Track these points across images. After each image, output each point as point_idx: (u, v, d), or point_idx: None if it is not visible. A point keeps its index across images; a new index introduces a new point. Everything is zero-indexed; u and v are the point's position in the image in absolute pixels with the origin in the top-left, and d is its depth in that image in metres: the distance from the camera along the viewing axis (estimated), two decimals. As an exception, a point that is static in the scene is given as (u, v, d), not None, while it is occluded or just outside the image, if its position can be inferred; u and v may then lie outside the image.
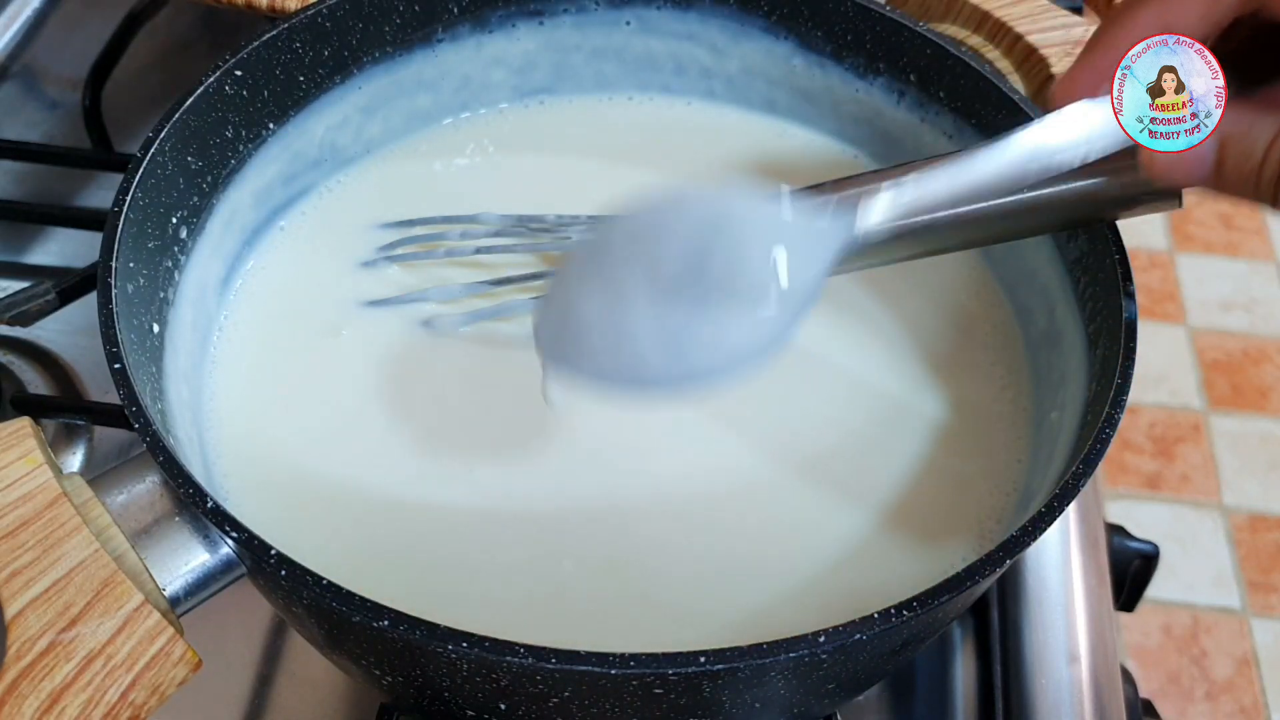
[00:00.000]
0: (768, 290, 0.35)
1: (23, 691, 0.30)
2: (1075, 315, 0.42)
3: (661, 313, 0.35)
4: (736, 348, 0.36)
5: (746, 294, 0.35)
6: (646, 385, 0.36)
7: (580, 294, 0.36)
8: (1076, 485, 0.33)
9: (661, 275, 0.35)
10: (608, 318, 0.36)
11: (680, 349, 0.35)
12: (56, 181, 0.61)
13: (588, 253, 0.37)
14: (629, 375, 0.36)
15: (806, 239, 0.36)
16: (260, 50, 0.44)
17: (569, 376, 0.37)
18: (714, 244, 0.35)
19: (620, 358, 0.36)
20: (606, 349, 0.36)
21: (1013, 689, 0.43)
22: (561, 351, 0.37)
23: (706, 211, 0.36)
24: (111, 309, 0.36)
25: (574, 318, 0.36)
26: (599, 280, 0.36)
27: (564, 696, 0.32)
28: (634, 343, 0.36)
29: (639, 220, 0.36)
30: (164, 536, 0.34)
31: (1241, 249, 1.56)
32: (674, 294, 0.35)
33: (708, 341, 0.35)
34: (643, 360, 0.36)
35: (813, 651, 0.30)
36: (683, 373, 0.36)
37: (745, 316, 0.35)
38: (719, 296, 0.35)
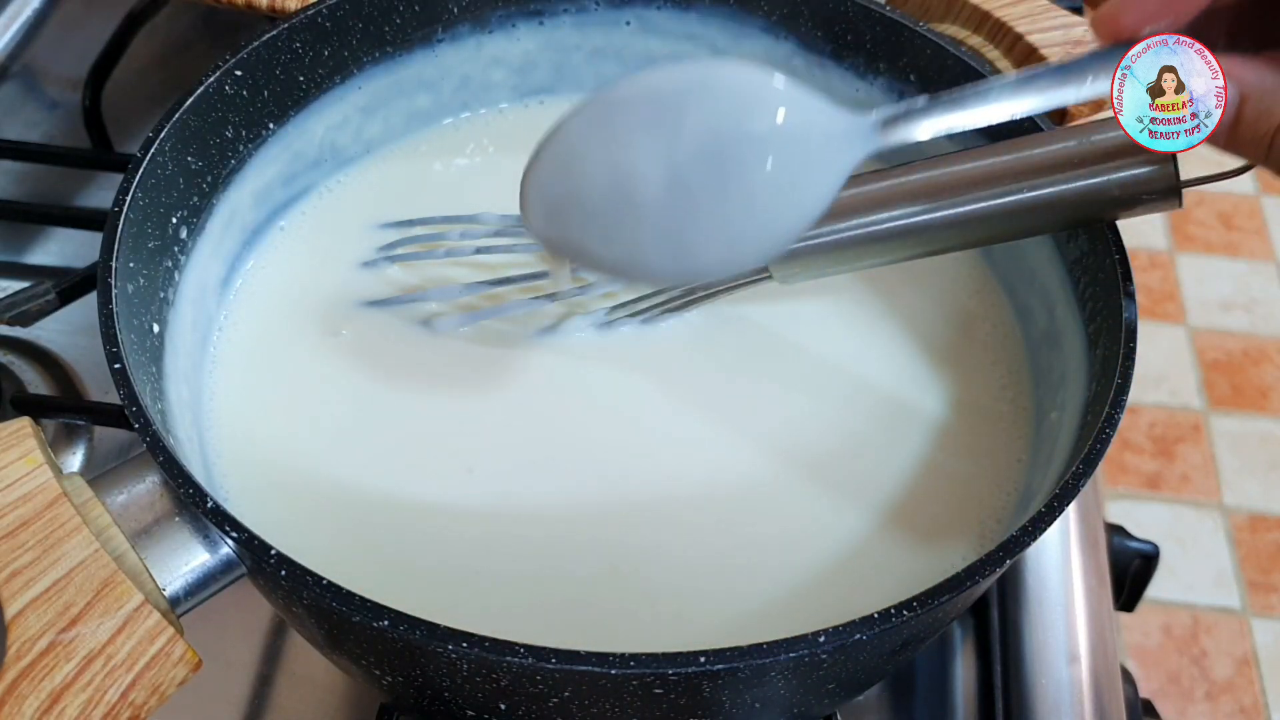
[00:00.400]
0: (785, 182, 0.34)
1: (23, 691, 0.30)
2: (1075, 315, 0.42)
3: (669, 189, 0.34)
4: (740, 237, 0.34)
5: (759, 182, 0.34)
6: (640, 262, 0.35)
7: (583, 153, 0.35)
8: (1076, 485, 0.33)
9: (674, 147, 0.34)
10: (611, 184, 0.34)
11: (684, 230, 0.34)
12: (57, 181, 0.61)
13: (596, 109, 0.35)
14: (624, 248, 0.35)
15: (827, 137, 0.34)
16: (260, 50, 0.44)
17: (555, 238, 0.36)
18: (733, 124, 0.34)
19: (619, 230, 0.34)
20: (604, 218, 0.34)
21: (1013, 689, 0.43)
22: (552, 211, 0.36)
23: (731, 88, 0.34)
24: (111, 309, 0.36)
25: (572, 178, 0.35)
26: (605, 142, 0.34)
27: (564, 696, 0.32)
28: (636, 215, 0.34)
29: (658, 84, 0.35)
30: (164, 536, 0.34)
31: (1241, 249, 1.56)
32: (685, 170, 0.34)
33: (713, 226, 0.34)
34: (643, 235, 0.34)
35: (813, 651, 0.30)
36: (682, 255, 0.34)
37: (755, 206, 0.34)
38: (731, 180, 0.33)
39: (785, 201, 0.34)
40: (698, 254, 0.35)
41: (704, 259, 0.35)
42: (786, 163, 0.34)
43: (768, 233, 0.35)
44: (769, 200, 0.34)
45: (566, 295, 0.46)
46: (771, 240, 0.35)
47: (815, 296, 0.47)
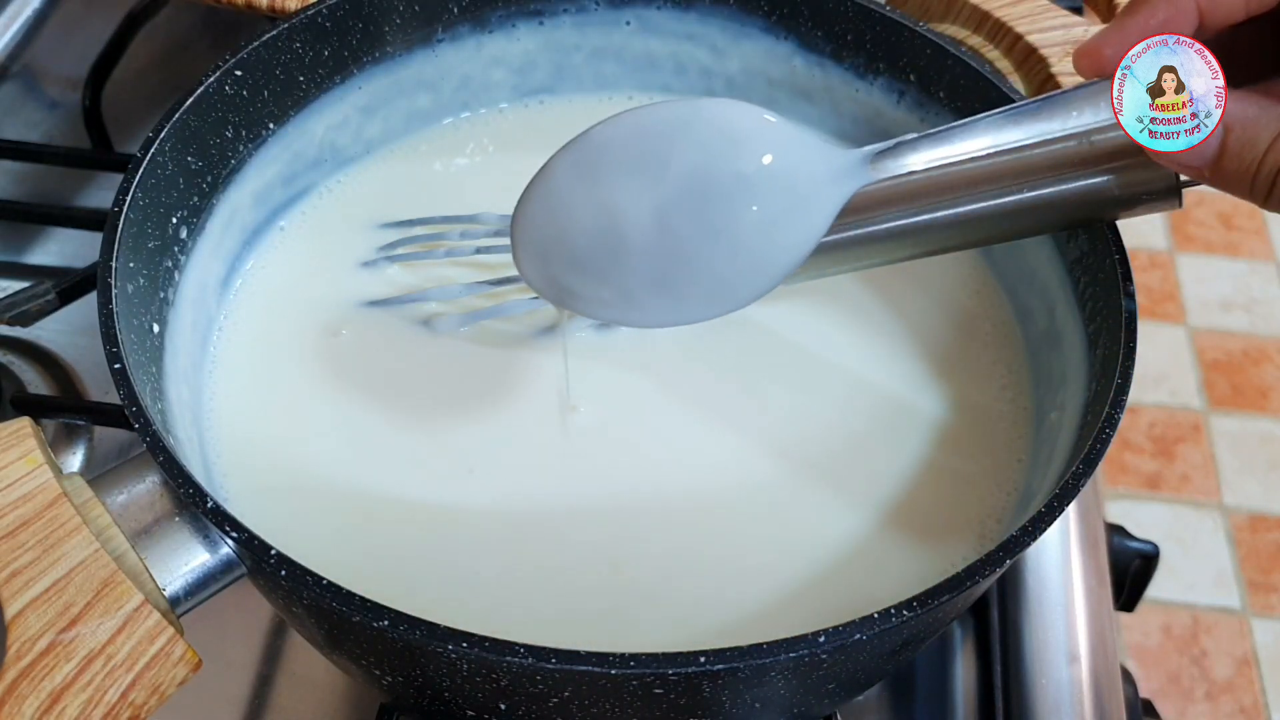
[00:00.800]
0: (774, 222, 0.34)
1: (23, 691, 0.30)
2: (1075, 315, 0.42)
3: (657, 231, 0.34)
4: (731, 280, 0.34)
5: (747, 223, 0.34)
6: (632, 308, 0.35)
7: (569, 196, 0.35)
8: (1077, 485, 0.33)
9: (661, 189, 0.33)
10: (598, 228, 0.34)
11: (674, 274, 0.34)
12: (57, 181, 0.61)
13: (582, 150, 0.35)
14: (615, 293, 0.35)
15: (816, 175, 0.34)
16: (260, 50, 0.44)
17: (547, 284, 0.36)
18: (720, 165, 0.34)
19: (609, 275, 0.34)
20: (593, 263, 0.34)
21: (1013, 689, 0.43)
22: (542, 257, 0.36)
23: (718, 128, 0.34)
24: (111, 309, 0.36)
25: (559, 222, 0.35)
26: (591, 185, 0.34)
27: (564, 696, 0.32)
28: (625, 260, 0.34)
29: (643, 123, 0.34)
30: (164, 536, 0.34)
31: (1241, 249, 1.56)
32: (673, 213, 0.33)
33: (702, 269, 0.34)
34: (632, 280, 0.34)
35: (812, 651, 0.30)
36: (673, 299, 0.35)
37: (744, 247, 0.34)
38: (719, 221, 0.33)
39: (775, 242, 0.34)
40: (688, 298, 0.35)
41: (695, 303, 0.35)
42: (775, 203, 0.34)
43: (758, 274, 0.35)
44: (758, 241, 0.34)
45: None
46: (762, 281, 0.35)
47: (815, 296, 0.47)
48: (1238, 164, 0.32)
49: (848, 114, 0.51)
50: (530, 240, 0.36)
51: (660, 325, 0.36)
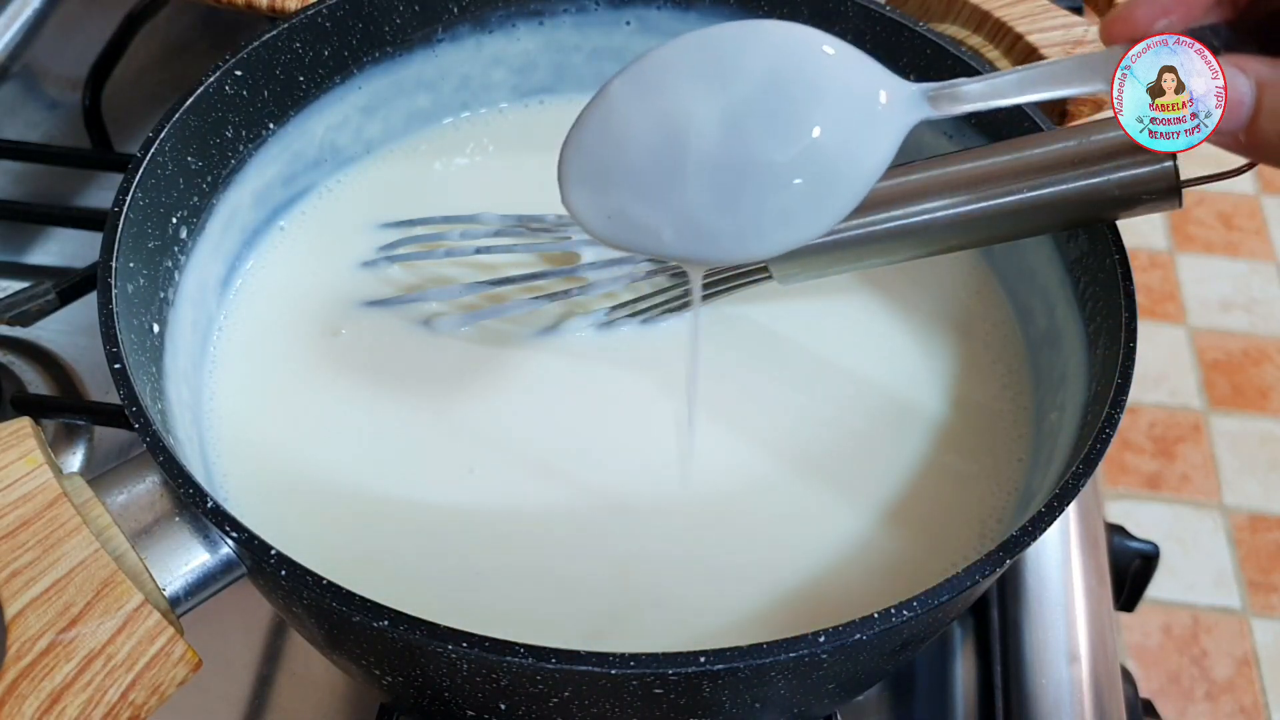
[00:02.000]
0: (843, 140, 0.33)
1: (23, 691, 0.30)
2: (1075, 315, 0.42)
3: (724, 140, 0.32)
4: (797, 202, 0.33)
5: (819, 138, 0.32)
6: (694, 231, 0.33)
7: (630, 110, 0.33)
8: (1077, 485, 0.33)
9: (730, 95, 0.32)
10: (661, 139, 0.33)
11: (740, 188, 0.32)
12: (57, 181, 0.61)
13: (642, 66, 0.34)
14: (676, 214, 0.33)
15: (885, 97, 0.33)
16: (260, 50, 0.44)
17: (599, 213, 0.34)
18: (792, 71, 0.32)
19: (671, 193, 0.33)
20: (654, 180, 0.33)
21: (1013, 689, 0.43)
22: (596, 180, 0.34)
23: (788, 40, 0.33)
24: (111, 309, 0.36)
25: (619, 137, 0.33)
26: (657, 93, 0.33)
27: (564, 696, 0.32)
28: (689, 173, 0.32)
29: (711, 36, 0.34)
30: (164, 536, 0.34)
31: (1241, 249, 1.56)
32: (741, 119, 0.32)
33: (770, 187, 0.32)
34: (696, 197, 0.33)
35: (812, 651, 0.30)
36: (738, 221, 0.33)
37: (814, 161, 0.32)
38: (790, 132, 0.32)
39: (842, 162, 0.33)
40: (754, 222, 0.33)
41: (760, 229, 0.33)
42: (845, 118, 0.33)
43: (824, 197, 0.33)
44: (826, 159, 0.33)
45: (567, 295, 0.46)
46: (825, 208, 0.33)
47: (816, 296, 0.47)
48: (1274, 123, 0.32)
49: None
50: (584, 167, 0.35)
51: (724, 258, 0.34)
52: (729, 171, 0.33)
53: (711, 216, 0.33)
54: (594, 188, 0.34)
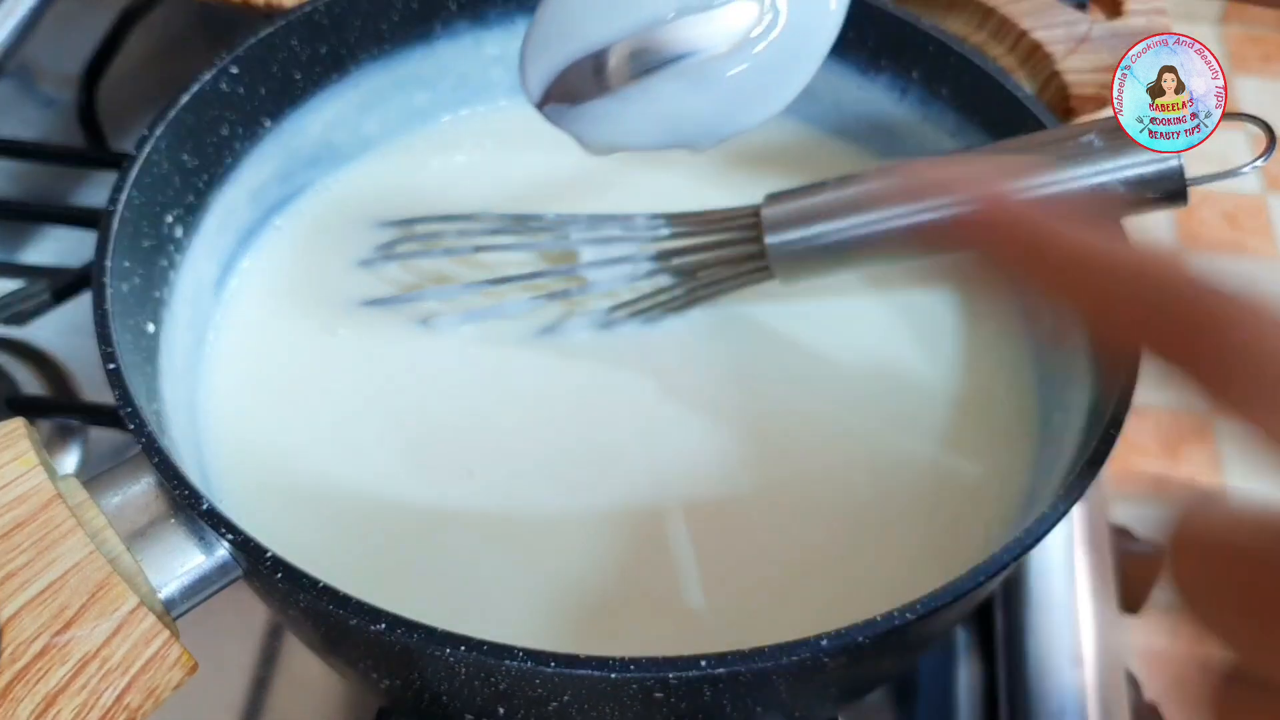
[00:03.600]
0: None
1: (17, 695, 0.30)
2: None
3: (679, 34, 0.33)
4: (757, 71, 0.33)
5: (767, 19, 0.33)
6: (647, 115, 0.33)
7: (585, 4, 0.34)
8: (1082, 486, 0.33)
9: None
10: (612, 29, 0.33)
11: (697, 75, 0.33)
12: (51, 180, 0.61)
13: None
14: (635, 87, 0.33)
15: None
16: (256, 47, 0.44)
17: (554, 83, 0.35)
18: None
19: (621, 75, 0.33)
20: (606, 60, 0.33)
21: (1017, 693, 0.43)
22: (556, 44, 0.34)
23: None
24: (106, 309, 0.36)
25: (576, 27, 0.34)
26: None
27: (563, 701, 0.32)
28: (650, 39, 0.33)
29: None
30: (159, 538, 0.33)
31: (1247, 248, 1.56)
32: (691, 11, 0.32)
33: (721, 70, 0.33)
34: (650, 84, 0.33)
35: (814, 655, 0.30)
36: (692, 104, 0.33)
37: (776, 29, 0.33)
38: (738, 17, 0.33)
39: (805, 26, 0.34)
40: (724, 93, 0.33)
41: (732, 96, 0.34)
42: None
43: (790, 61, 0.34)
44: (790, 23, 0.33)
45: (567, 295, 0.46)
46: (794, 71, 0.34)
47: (817, 296, 0.46)
48: None
49: (850, 111, 0.51)
50: (542, 38, 0.35)
51: (694, 139, 0.35)
52: (691, 55, 0.33)
53: (680, 102, 0.34)
54: (550, 54, 0.35)
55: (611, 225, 0.46)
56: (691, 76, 0.34)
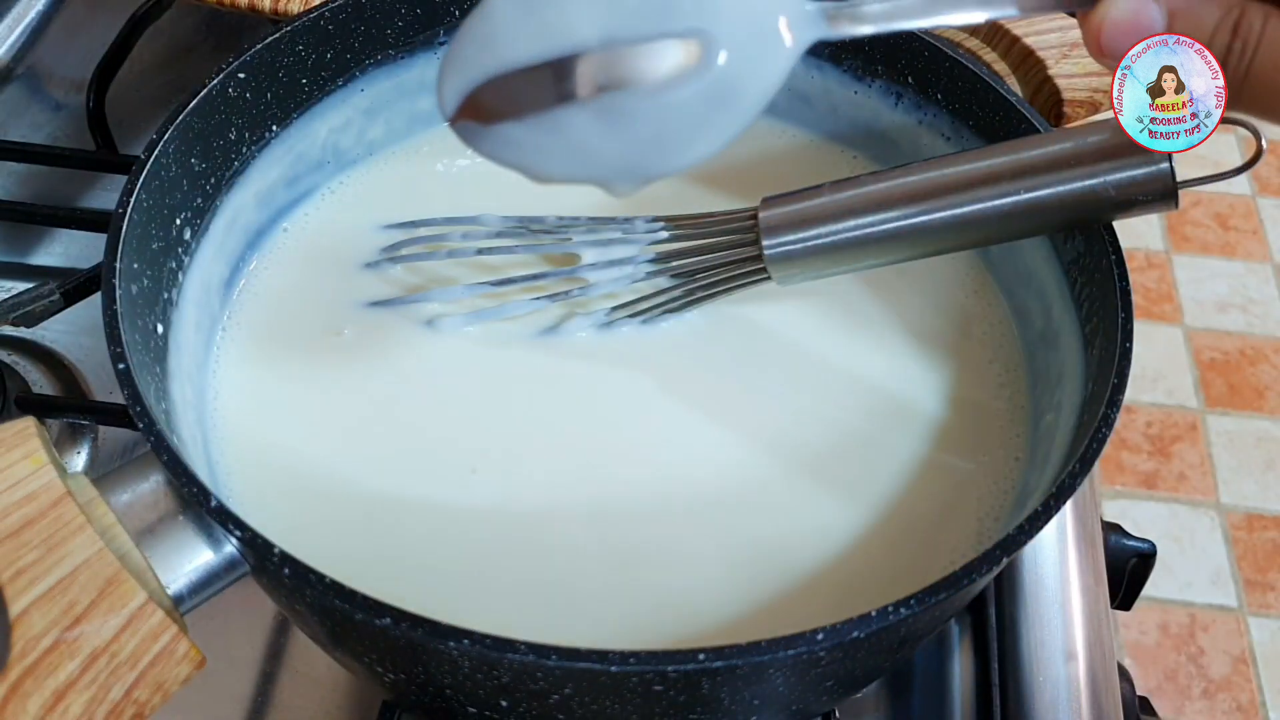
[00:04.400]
0: (732, 60, 0.31)
1: (27, 689, 0.31)
2: (1072, 315, 0.42)
3: (607, 59, 0.31)
4: (678, 123, 0.31)
5: (700, 69, 0.31)
6: (579, 151, 0.31)
7: (510, 28, 0.31)
8: (1073, 483, 0.34)
9: (608, 26, 0.31)
10: (542, 49, 0.31)
11: (625, 101, 0.31)
12: (61, 183, 0.61)
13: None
14: (560, 132, 0.31)
15: (779, 13, 0.32)
16: (263, 52, 0.45)
17: (480, 129, 0.33)
18: (671, 2, 0.31)
19: (544, 113, 0.31)
20: (534, 93, 0.31)
21: (1010, 686, 0.43)
22: (476, 92, 0.32)
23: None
24: (116, 310, 0.36)
25: (499, 48, 0.31)
26: (535, 14, 0.31)
27: (565, 693, 0.32)
28: (570, 84, 0.31)
29: None
30: (168, 535, 0.34)
31: (1238, 249, 1.56)
32: (618, 53, 0.31)
33: (651, 105, 0.31)
34: (580, 117, 0.31)
35: (811, 649, 0.30)
36: (619, 136, 0.31)
37: (704, 80, 0.31)
38: (668, 63, 0.31)
39: (736, 75, 0.31)
40: (636, 139, 0.31)
41: (646, 146, 0.32)
42: (734, 34, 0.31)
43: (716, 115, 0.31)
44: (718, 73, 0.31)
45: (568, 296, 0.46)
46: (719, 126, 0.32)
47: (814, 297, 0.47)
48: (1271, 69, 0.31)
49: (845, 116, 0.51)
50: (462, 78, 0.33)
51: (609, 180, 0.33)
52: (613, 89, 0.31)
53: (595, 137, 0.32)
54: (474, 105, 0.33)
55: (612, 228, 0.46)
56: (608, 113, 0.31)
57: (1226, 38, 0.31)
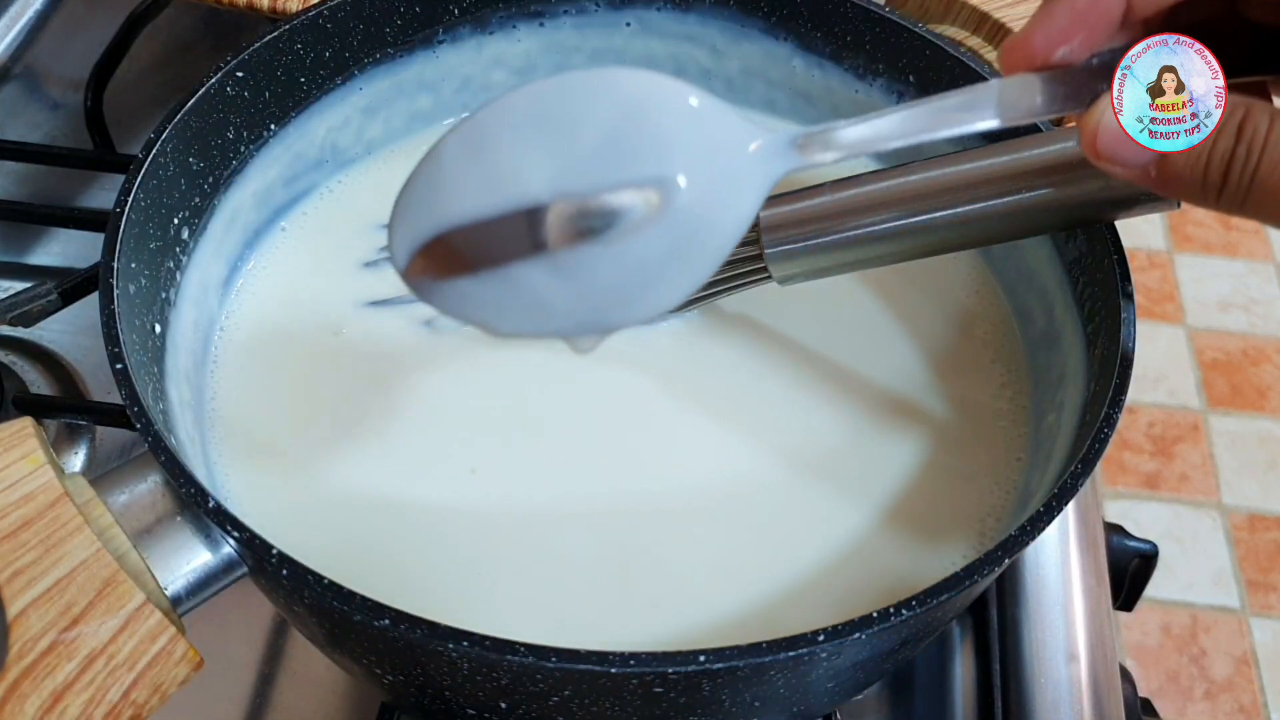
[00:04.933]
0: (697, 199, 0.29)
1: (24, 691, 0.30)
2: (1074, 315, 0.42)
3: (558, 221, 0.29)
4: (645, 270, 0.29)
5: (672, 192, 0.29)
6: (536, 306, 0.30)
7: (459, 168, 0.30)
8: (1075, 484, 0.33)
9: (567, 155, 0.29)
10: (493, 198, 0.29)
11: (582, 255, 0.29)
12: (59, 182, 0.61)
13: (475, 121, 0.30)
14: (512, 285, 0.30)
15: (746, 151, 0.30)
16: (262, 51, 0.44)
17: (429, 282, 0.31)
18: (639, 126, 0.29)
19: (496, 267, 0.29)
20: (484, 245, 0.29)
21: (1012, 688, 0.43)
22: (424, 245, 0.30)
23: (636, 89, 0.30)
24: (113, 310, 0.36)
25: (448, 200, 0.30)
26: (486, 163, 0.30)
27: (564, 695, 0.32)
28: (524, 239, 0.29)
29: (549, 86, 0.30)
30: (166, 536, 0.34)
31: (1240, 249, 1.56)
32: (580, 180, 0.29)
33: (612, 256, 0.29)
34: (533, 270, 0.29)
35: (812, 650, 0.30)
36: (584, 285, 0.29)
37: (668, 223, 0.29)
38: (639, 190, 0.29)
39: (699, 224, 0.30)
40: (597, 294, 0.30)
41: (604, 302, 0.30)
42: (698, 176, 0.30)
43: (683, 260, 0.30)
44: (682, 215, 0.29)
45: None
46: (688, 270, 0.30)
47: (815, 296, 0.47)
48: (1186, 154, 0.30)
49: (846, 115, 0.51)
50: (410, 230, 0.31)
51: (568, 332, 0.31)
52: (567, 244, 0.30)
53: (552, 292, 0.30)
54: (424, 260, 0.31)
55: (612, 227, 0.46)
56: (564, 267, 0.30)
57: (1230, 142, 0.29)
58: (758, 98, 0.53)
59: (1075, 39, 0.32)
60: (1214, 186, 0.30)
